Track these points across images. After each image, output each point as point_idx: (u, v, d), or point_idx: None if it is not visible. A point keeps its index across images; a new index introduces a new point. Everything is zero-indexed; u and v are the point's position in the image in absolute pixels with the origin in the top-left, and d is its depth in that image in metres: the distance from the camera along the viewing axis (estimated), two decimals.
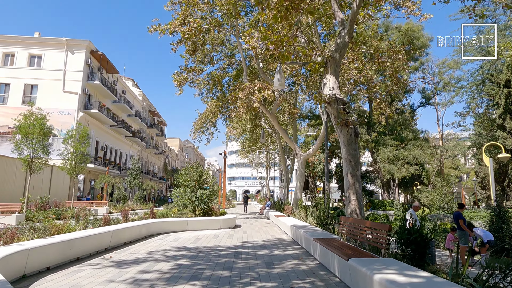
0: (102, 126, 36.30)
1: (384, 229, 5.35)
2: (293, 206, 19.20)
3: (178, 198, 15.18)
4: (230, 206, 41.07)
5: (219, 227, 14.31)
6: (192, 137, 24.97)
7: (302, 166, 19.83)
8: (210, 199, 15.50)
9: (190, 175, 15.31)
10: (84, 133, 22.13)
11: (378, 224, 5.75)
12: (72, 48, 33.02)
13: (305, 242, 8.80)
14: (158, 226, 12.40)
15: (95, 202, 25.20)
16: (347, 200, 9.02)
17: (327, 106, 9.17)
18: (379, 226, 5.66)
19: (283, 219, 14.41)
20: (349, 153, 8.97)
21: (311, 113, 31.06)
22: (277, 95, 19.46)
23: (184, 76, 18.60)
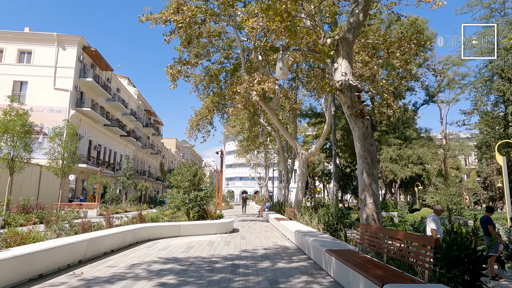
0: (95, 124, 34.86)
1: (428, 244, 4.03)
2: (294, 208, 17.89)
3: (170, 200, 13.82)
4: (228, 207, 39.71)
5: (215, 232, 12.96)
6: (188, 135, 23.55)
7: (303, 166, 18.53)
8: (206, 201, 14.15)
9: (183, 175, 13.95)
10: (73, 130, 20.70)
11: (419, 237, 4.44)
12: (63, 43, 31.59)
13: (314, 253, 7.47)
14: (147, 232, 11.04)
15: (85, 204, 23.79)
16: (362, 203, 7.71)
17: (338, 94, 7.86)
18: (419, 239, 4.34)
19: (285, 223, 13.09)
20: (364, 149, 7.67)
21: (311, 111, 29.79)
22: (278, 90, 18.14)
23: (177, 69, 17.25)
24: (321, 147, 18.23)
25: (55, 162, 19.94)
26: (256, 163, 49.05)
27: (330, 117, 17.17)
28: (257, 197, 60.28)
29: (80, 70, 32.25)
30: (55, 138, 20.05)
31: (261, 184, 56.67)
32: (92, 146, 35.09)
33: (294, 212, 14.47)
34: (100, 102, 36.43)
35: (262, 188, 56.65)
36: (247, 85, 14.83)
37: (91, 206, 23.49)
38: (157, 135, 56.95)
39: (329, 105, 16.75)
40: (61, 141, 20.10)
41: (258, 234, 13.22)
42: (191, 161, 14.62)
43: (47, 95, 30.68)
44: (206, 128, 23.18)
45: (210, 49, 19.61)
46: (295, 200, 18.55)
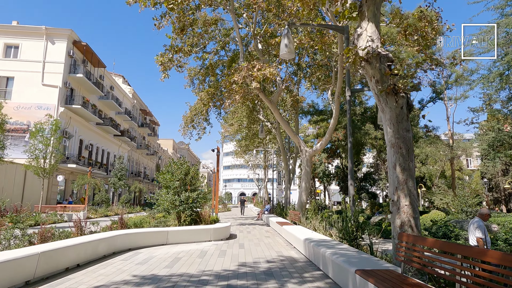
0: (86, 123, 32.97)
1: None
2: (297, 210, 16.09)
3: (158, 202, 11.99)
4: (225, 209, 37.85)
5: (209, 238, 11.13)
6: (182, 133, 21.77)
7: (307, 164, 16.74)
8: (199, 203, 12.33)
9: (173, 174, 12.13)
10: (56, 126, 18.85)
11: None
12: (52, 37, 29.75)
13: (336, 271, 5.66)
14: (127, 240, 9.20)
15: (71, 207, 21.89)
16: (395, 206, 5.93)
17: (364, 66, 6.08)
18: None
19: (289, 228, 11.28)
20: (398, 135, 5.89)
21: (313, 108, 28.02)
22: (279, 81, 16.39)
23: (169, 57, 15.47)
24: (327, 143, 16.44)
25: (35, 161, 18.05)
26: (255, 164, 47.23)
27: (338, 110, 15.43)
28: (255, 199, 58.36)
29: (70, 66, 30.40)
30: (36, 135, 18.19)
31: (260, 185, 54.82)
32: (83, 145, 33.18)
33: (299, 216, 12.67)
34: (92, 100, 34.57)
35: (261, 190, 54.80)
36: (246, 73, 13.06)
37: (77, 209, 21.60)
38: (153, 135, 55.04)
39: (337, 96, 15.01)
40: (43, 138, 18.23)
41: (258, 241, 11.40)
42: (182, 157, 12.75)
43: (34, 92, 28.81)
44: (201, 124, 21.43)
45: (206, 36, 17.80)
46: (298, 202, 16.75)
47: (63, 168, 29.21)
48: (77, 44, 30.86)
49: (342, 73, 14.49)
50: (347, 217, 7.67)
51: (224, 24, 20.37)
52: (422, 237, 4.53)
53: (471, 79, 28.62)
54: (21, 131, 28.37)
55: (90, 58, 33.05)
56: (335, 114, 15.37)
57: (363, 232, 7.86)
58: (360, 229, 7.44)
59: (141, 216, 12.87)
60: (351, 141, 9.06)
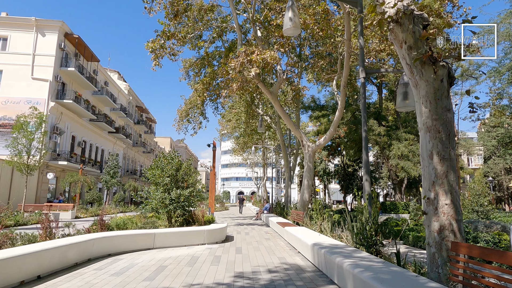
0: (79, 119, 31.59)
1: None
2: (300, 210, 14.83)
3: (146, 201, 10.69)
4: (223, 209, 36.56)
5: (202, 241, 9.84)
6: (177, 127, 20.44)
7: (310, 160, 15.46)
8: (192, 202, 11.04)
9: (162, 169, 10.84)
10: (41, 119, 17.50)
11: None
12: (42, 29, 28.36)
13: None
14: (106, 244, 7.90)
15: (59, 205, 20.53)
16: (431, 205, 4.65)
17: (393, 28, 4.79)
18: None
19: (292, 229, 10.00)
20: (436, 116, 4.62)
21: (314, 103, 26.74)
22: (280, 71, 15.11)
23: (160, 43, 14.16)
24: (331, 138, 15.17)
25: (18, 157, 16.71)
26: (253, 162, 45.95)
27: (343, 101, 14.15)
28: (254, 198, 57.07)
29: (61, 59, 29.02)
30: (19, 129, 16.85)
31: (259, 184, 53.56)
32: (76, 142, 31.81)
33: (303, 216, 11.38)
34: (85, 95, 33.21)
35: (259, 189, 53.53)
36: (244, 59, 11.77)
37: (65, 208, 20.25)
38: (149, 133, 53.64)
39: (342, 86, 13.74)
40: (26, 132, 16.88)
41: (258, 244, 10.11)
42: (173, 151, 11.47)
43: (24, 86, 27.45)
44: (197, 119, 20.14)
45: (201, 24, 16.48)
46: (300, 200, 15.48)
47: (53, 165, 27.88)
48: (68, 37, 29.48)
49: (349, 60, 13.23)
50: (365, 220, 6.39)
51: (222, 14, 19.09)
52: (496, 250, 3.24)
53: (478, 72, 27.48)
54: (9, 126, 26.93)
55: (82, 52, 31.66)
56: (341, 106, 14.10)
57: (384, 237, 6.59)
58: (380, 233, 6.16)
59: (129, 216, 11.58)
60: (366, 129, 7.77)
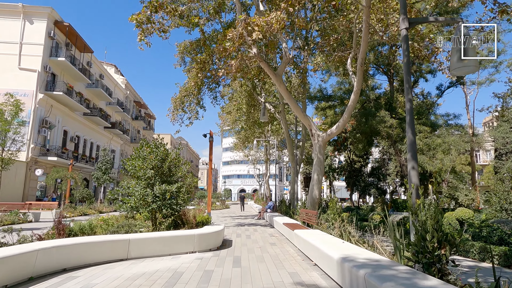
0: (71, 113, 29.56)
1: None
2: (309, 208, 12.73)
3: (122, 198, 8.63)
4: (224, 207, 34.51)
5: (192, 249, 7.76)
6: (171, 118, 18.37)
7: (320, 152, 13.35)
8: (182, 200, 8.96)
9: (144, 159, 8.77)
10: (17, 108, 15.47)
11: None
12: (30, 16, 26.33)
13: None
14: (59, 256, 5.83)
15: (43, 204, 18.53)
16: None
17: None
18: None
19: (304, 234, 7.91)
20: None
21: (320, 93, 24.58)
22: (285, 49, 13.00)
23: (147, 15, 12.06)
24: (344, 125, 13.05)
25: None
26: (255, 158, 43.84)
27: (360, 82, 12.02)
28: (256, 196, 54.95)
29: (51, 48, 26.98)
30: None
31: (261, 181, 51.46)
32: (68, 137, 29.81)
33: (316, 217, 9.26)
34: (79, 88, 31.20)
35: (262, 186, 51.44)
36: (243, 29, 9.67)
37: (49, 207, 18.24)
38: (148, 129, 51.60)
39: (360, 63, 11.61)
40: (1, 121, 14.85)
41: (261, 252, 8.03)
42: (159, 138, 9.37)
43: (10, 76, 25.45)
44: (193, 108, 18.07)
45: None
46: (309, 198, 13.37)
47: (43, 161, 25.90)
48: (58, 25, 27.43)
49: (368, 33, 11.10)
50: (419, 224, 4.30)
51: None
52: None
53: (497, 60, 25.31)
54: None
55: (74, 41, 29.60)
56: (357, 87, 11.97)
57: (453, 250, 4.45)
58: (448, 246, 4.06)
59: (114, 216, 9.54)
60: (411, 99, 5.65)
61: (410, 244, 4.33)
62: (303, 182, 43.33)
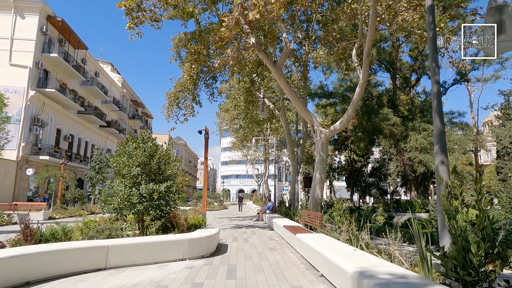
0: (65, 111, 28.63)
1: None
2: (311, 209, 11.84)
3: (105, 199, 7.72)
4: (222, 207, 33.58)
5: (181, 256, 6.85)
6: (166, 114, 17.46)
7: (323, 149, 12.47)
8: (172, 201, 8.06)
9: (130, 155, 7.86)
10: (1, 102, 14.55)
11: None
12: (22, 11, 25.40)
13: None
14: (20, 267, 4.92)
15: (31, 204, 17.59)
16: None
17: None
18: None
19: (307, 238, 7.01)
20: None
21: (321, 90, 23.71)
22: (286, 40, 12.12)
23: (137, 2, 11.15)
24: (349, 121, 12.15)
25: None
26: (254, 158, 42.92)
27: (366, 73, 11.14)
28: (255, 196, 53.99)
29: (43, 44, 26.06)
30: None
31: (260, 181, 50.54)
32: (62, 136, 28.88)
33: (320, 219, 8.36)
34: (73, 86, 30.25)
35: (260, 186, 50.51)
36: (240, 13, 8.78)
37: (38, 208, 17.30)
38: (146, 128, 50.61)
39: (366, 53, 10.74)
40: None
41: (260, 259, 7.12)
42: (147, 131, 8.46)
43: (0, 72, 24.55)
44: (189, 104, 17.19)
45: None
46: (311, 198, 12.48)
47: (34, 160, 24.97)
48: (51, 20, 26.51)
49: (375, 20, 10.23)
50: (457, 231, 3.41)
51: None
52: None
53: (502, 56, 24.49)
54: None
55: (68, 37, 28.67)
56: (363, 79, 11.10)
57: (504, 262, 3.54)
58: (498, 260, 3.17)
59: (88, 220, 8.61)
60: (438, 81, 4.77)
61: (447, 256, 3.43)
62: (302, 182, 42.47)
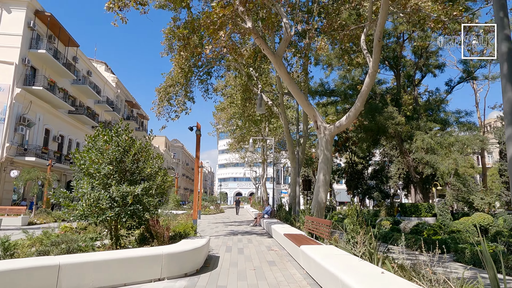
0: (54, 110, 27.15)
1: None
2: (314, 215, 10.43)
3: (66, 204, 6.31)
4: (218, 211, 32.08)
5: (159, 275, 5.41)
6: (156, 111, 16.09)
7: (327, 147, 11.09)
8: (152, 205, 6.63)
9: (100, 150, 6.45)
10: None
11: None
12: (7, 5, 23.98)
13: None
14: None
15: (9, 209, 16.09)
16: None
17: None
18: None
19: (314, 252, 5.61)
20: None
21: (322, 88, 22.37)
22: (286, 25, 10.77)
23: None
24: (356, 116, 10.77)
25: None
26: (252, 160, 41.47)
27: (377, 61, 9.79)
28: (253, 199, 52.46)
29: (30, 40, 24.62)
30: None
31: (258, 184, 49.07)
32: (51, 136, 27.37)
33: (329, 228, 6.92)
34: (63, 84, 28.78)
35: (258, 189, 49.03)
36: None
37: (17, 212, 15.80)
38: (141, 130, 49.06)
39: (377, 37, 9.40)
40: None
41: (256, 279, 5.68)
42: (122, 122, 7.02)
43: None
44: (180, 100, 15.82)
45: None
46: (314, 202, 11.06)
47: (20, 161, 23.43)
48: (39, 15, 25.10)
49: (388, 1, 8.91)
50: None
51: None
52: None
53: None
54: None
55: (57, 34, 27.25)
56: (373, 68, 9.75)
57: None
58: None
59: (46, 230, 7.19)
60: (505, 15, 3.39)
61: None
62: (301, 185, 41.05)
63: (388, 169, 39.32)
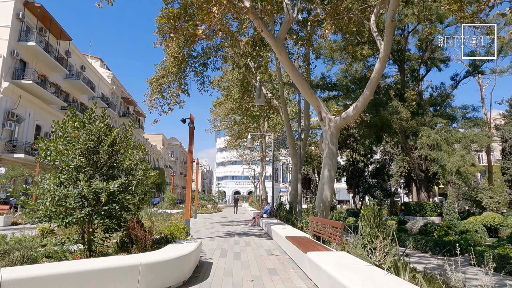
0: (45, 106, 26.07)
1: None
2: (318, 214, 9.42)
3: (26, 203, 5.28)
4: (215, 210, 31.03)
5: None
6: (148, 104, 15.03)
7: (333, 141, 10.07)
8: (131, 204, 5.58)
9: (70, 139, 5.41)
10: None
11: None
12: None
13: None
14: None
15: None
16: None
17: None
18: None
19: (325, 262, 4.59)
20: None
21: (323, 82, 21.32)
22: (288, 4, 9.74)
23: None
24: (365, 105, 9.73)
25: None
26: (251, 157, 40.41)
27: (389, 43, 8.76)
28: (251, 198, 51.43)
29: (20, 32, 23.53)
30: None
31: (256, 182, 48.04)
32: (42, 132, 26.31)
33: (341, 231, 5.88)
34: (55, 79, 27.68)
35: (257, 188, 48.02)
36: None
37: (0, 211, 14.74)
38: (137, 127, 48.00)
39: (390, 17, 8.38)
40: None
41: None
42: (95, 105, 5.90)
43: None
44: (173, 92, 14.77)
45: None
46: (318, 200, 10.04)
47: (8, 158, 22.36)
48: (29, 6, 23.97)
49: None
50: None
51: None
52: None
53: None
54: None
55: (48, 26, 26.12)
56: (385, 52, 8.72)
57: None
58: None
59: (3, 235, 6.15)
60: None
61: None
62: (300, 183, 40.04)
63: (388, 167, 38.37)
